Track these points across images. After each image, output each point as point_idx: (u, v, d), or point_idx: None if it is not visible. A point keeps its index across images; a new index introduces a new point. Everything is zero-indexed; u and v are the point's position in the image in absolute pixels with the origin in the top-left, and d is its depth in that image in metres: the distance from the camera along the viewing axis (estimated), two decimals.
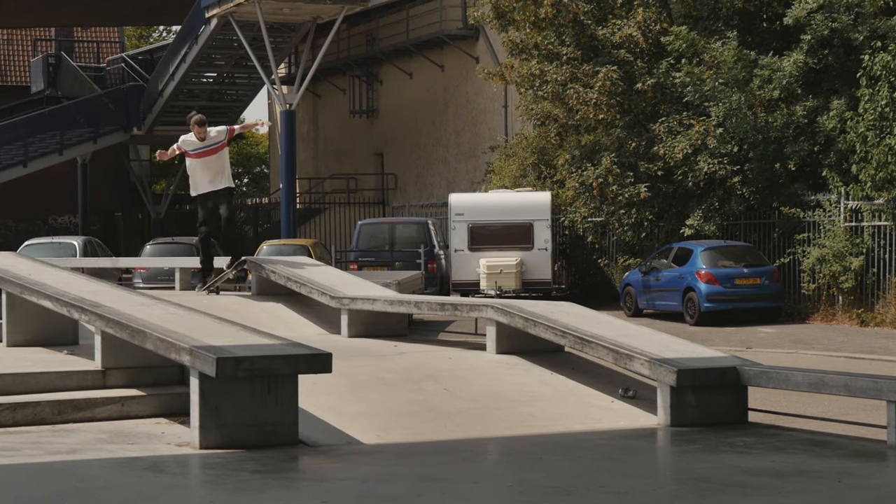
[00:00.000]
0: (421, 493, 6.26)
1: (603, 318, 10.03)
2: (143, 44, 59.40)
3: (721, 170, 25.17)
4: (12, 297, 10.10)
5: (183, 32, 40.24)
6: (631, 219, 27.04)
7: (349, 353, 10.25)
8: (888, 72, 22.90)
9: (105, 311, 8.77)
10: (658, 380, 8.38)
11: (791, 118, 24.95)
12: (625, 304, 26.48)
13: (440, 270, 29.02)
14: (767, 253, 25.57)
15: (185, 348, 7.56)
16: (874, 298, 23.69)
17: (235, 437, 7.44)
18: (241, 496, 6.21)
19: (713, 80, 25.32)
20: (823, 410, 11.69)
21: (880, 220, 23.61)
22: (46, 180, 44.54)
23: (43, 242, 28.53)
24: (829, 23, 24.49)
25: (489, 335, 10.39)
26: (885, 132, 22.88)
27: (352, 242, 30.48)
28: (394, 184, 42.53)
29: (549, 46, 27.88)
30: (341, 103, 45.47)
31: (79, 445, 7.53)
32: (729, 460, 7.21)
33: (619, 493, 6.24)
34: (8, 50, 53.61)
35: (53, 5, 43.58)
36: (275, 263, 14.07)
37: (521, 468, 7.17)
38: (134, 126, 42.23)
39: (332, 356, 7.76)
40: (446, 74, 39.56)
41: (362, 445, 7.74)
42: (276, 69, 36.19)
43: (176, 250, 27.59)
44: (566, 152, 28.02)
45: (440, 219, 31.79)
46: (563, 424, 8.46)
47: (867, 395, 7.72)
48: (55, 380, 8.68)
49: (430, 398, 8.92)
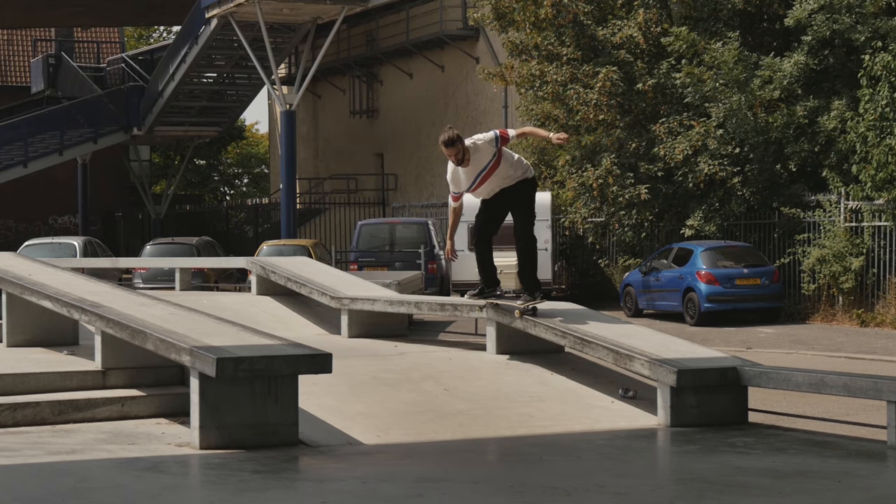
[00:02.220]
0: (421, 494, 6.25)
1: (603, 319, 10.03)
2: (143, 44, 59.41)
3: (721, 171, 25.17)
4: (12, 297, 10.09)
5: (183, 33, 40.24)
6: (631, 220, 27.03)
7: (349, 354, 10.25)
8: (888, 72, 22.90)
9: (105, 311, 8.77)
10: (658, 380, 8.38)
11: (791, 119, 24.95)
12: (625, 305, 26.47)
13: (440, 271, 29.01)
14: (768, 253, 25.57)
15: (185, 348, 7.56)
16: (874, 299, 23.69)
17: (235, 437, 7.44)
18: (242, 496, 6.21)
19: (713, 80, 25.32)
20: (823, 411, 11.69)
21: (880, 221, 23.60)
22: (46, 180, 44.58)
23: (43, 243, 28.56)
24: (830, 23, 24.48)
25: (489, 335, 10.39)
26: (886, 132, 22.88)
27: (352, 243, 30.48)
28: (394, 184, 42.52)
29: (549, 47, 27.87)
30: (341, 103, 45.46)
31: (79, 446, 7.53)
32: (729, 460, 7.20)
33: (619, 494, 6.23)
34: (8, 50, 53.62)
35: (53, 5, 43.58)
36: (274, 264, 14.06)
37: (521, 468, 7.17)
38: (134, 126, 42.23)
39: (332, 356, 7.76)
40: (446, 75, 39.56)
41: (362, 446, 7.74)
42: (276, 69, 36.19)
43: (176, 250, 27.61)
44: (566, 153, 28.01)
45: (440, 219, 31.79)
46: (563, 425, 8.46)
47: (867, 395, 7.72)
48: (55, 380, 8.68)
49: (430, 398, 8.92)
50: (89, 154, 43.74)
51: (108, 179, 48.60)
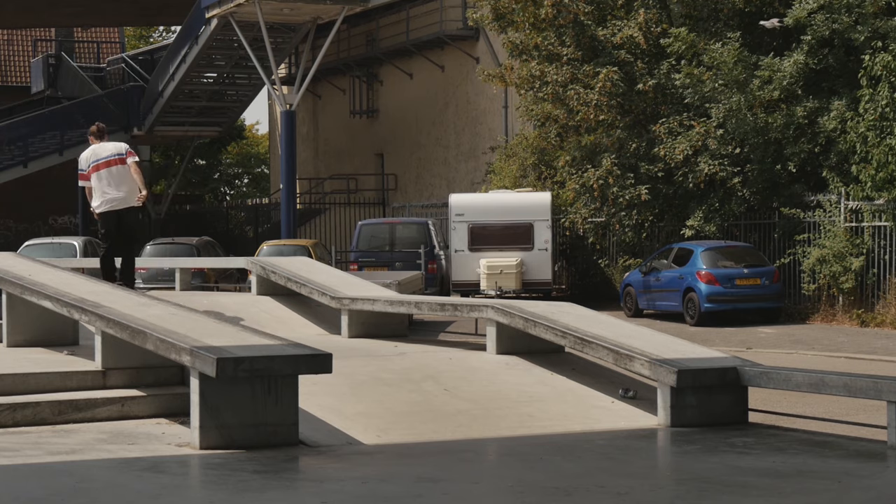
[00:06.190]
0: (421, 494, 6.26)
1: (603, 319, 10.04)
2: (144, 44, 59.39)
3: (721, 171, 25.17)
4: (12, 297, 10.10)
5: (183, 33, 40.24)
6: (631, 220, 27.02)
7: (349, 354, 10.26)
8: (888, 72, 22.90)
9: (105, 311, 8.77)
10: (658, 380, 8.38)
11: (791, 119, 24.95)
12: (625, 305, 26.47)
13: (440, 271, 29.01)
14: (768, 253, 25.57)
15: (185, 349, 7.56)
16: (874, 299, 23.68)
17: (235, 437, 7.44)
18: (241, 496, 6.21)
19: (713, 81, 25.32)
20: (823, 411, 11.69)
21: (880, 221, 23.60)
22: (46, 180, 44.54)
23: (43, 243, 28.53)
24: (830, 23, 24.47)
25: (489, 335, 10.39)
26: (886, 132, 22.88)
27: (352, 243, 30.47)
28: (394, 184, 42.53)
29: (549, 47, 27.86)
30: (341, 103, 45.46)
31: (79, 446, 7.53)
32: (729, 460, 7.21)
33: (620, 494, 6.24)
34: (8, 50, 53.61)
35: (53, 5, 43.58)
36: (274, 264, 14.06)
37: (521, 468, 7.17)
38: (134, 126, 42.22)
39: (333, 356, 7.76)
40: (446, 75, 39.56)
41: (362, 446, 7.74)
42: (276, 69, 36.19)
43: (176, 250, 27.60)
44: (566, 153, 28.01)
45: (440, 219, 31.78)
46: (563, 425, 8.46)
47: (867, 395, 7.72)
48: (55, 380, 8.68)
49: (430, 398, 8.92)
50: None
51: None
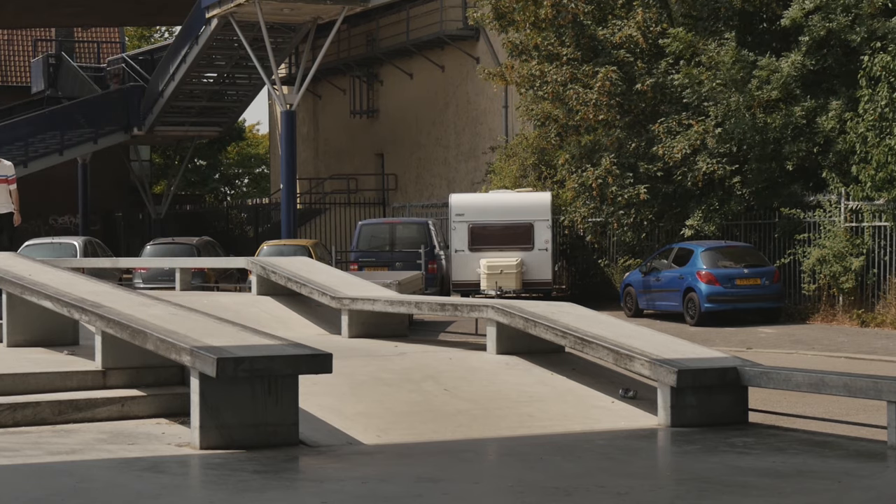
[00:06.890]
0: (421, 494, 6.26)
1: (603, 319, 10.03)
2: (144, 44, 59.40)
3: (720, 169, 25.17)
4: (13, 297, 10.10)
5: (183, 33, 40.24)
6: (631, 219, 27.03)
7: (349, 354, 10.26)
8: (888, 72, 22.91)
9: (105, 311, 8.77)
10: (658, 380, 8.38)
11: (790, 119, 24.94)
12: (625, 305, 26.47)
13: (440, 271, 29.01)
14: (768, 253, 25.56)
15: (185, 349, 7.56)
16: (874, 299, 23.68)
17: (236, 437, 7.45)
18: (242, 496, 6.21)
19: (711, 80, 25.32)
20: (823, 411, 11.69)
21: (880, 221, 23.60)
22: (47, 180, 44.53)
23: (43, 243, 28.53)
24: (826, 23, 24.46)
25: (489, 335, 10.39)
26: (885, 133, 22.88)
27: (352, 243, 30.46)
28: (394, 184, 42.53)
29: (548, 47, 27.86)
30: (341, 103, 45.47)
31: (79, 446, 7.53)
32: (729, 460, 7.21)
33: (620, 494, 6.24)
34: (8, 50, 53.61)
35: (53, 5, 43.58)
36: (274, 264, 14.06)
37: (521, 468, 7.17)
38: (134, 126, 42.24)
39: (333, 356, 7.76)
40: (446, 75, 39.57)
41: (362, 446, 7.74)
42: (276, 69, 36.19)
43: (176, 250, 27.60)
44: (566, 153, 28.01)
45: (440, 219, 31.78)
46: (563, 425, 8.46)
47: (867, 395, 7.72)
48: (55, 380, 8.68)
49: (430, 398, 8.93)
50: (89, 154, 43.73)
51: (108, 179, 48.57)
